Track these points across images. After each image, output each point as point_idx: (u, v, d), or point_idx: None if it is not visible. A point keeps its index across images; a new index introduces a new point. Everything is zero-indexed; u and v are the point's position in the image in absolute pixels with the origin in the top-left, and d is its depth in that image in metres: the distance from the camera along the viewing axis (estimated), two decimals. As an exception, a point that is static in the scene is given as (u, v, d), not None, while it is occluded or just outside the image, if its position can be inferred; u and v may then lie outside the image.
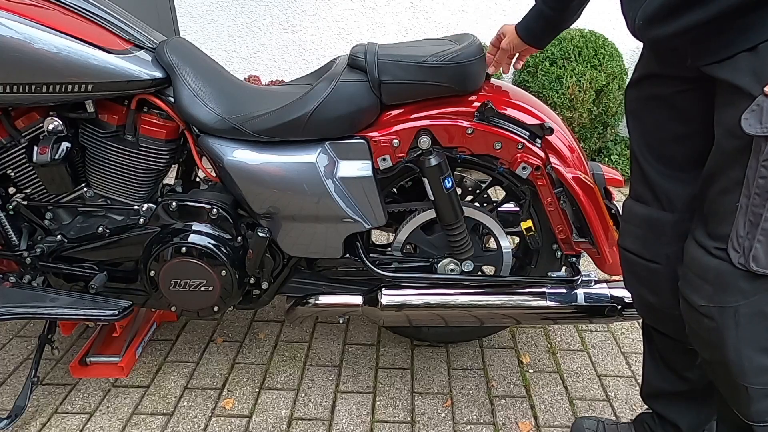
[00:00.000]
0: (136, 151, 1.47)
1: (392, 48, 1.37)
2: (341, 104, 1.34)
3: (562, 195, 1.41)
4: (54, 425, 1.56)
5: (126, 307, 1.50)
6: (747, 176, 0.87)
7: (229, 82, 1.49)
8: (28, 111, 1.42)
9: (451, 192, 1.41)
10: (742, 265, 0.91)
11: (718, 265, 0.95)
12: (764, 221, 0.88)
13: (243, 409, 1.62)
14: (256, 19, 3.39)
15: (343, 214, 1.42)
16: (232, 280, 1.50)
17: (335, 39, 3.42)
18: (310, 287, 1.62)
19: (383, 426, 1.56)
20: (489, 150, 1.38)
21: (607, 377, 1.72)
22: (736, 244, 0.91)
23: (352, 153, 1.40)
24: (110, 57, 1.33)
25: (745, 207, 0.89)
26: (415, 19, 3.36)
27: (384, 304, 1.50)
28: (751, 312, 0.95)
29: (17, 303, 1.46)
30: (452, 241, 1.49)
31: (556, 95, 2.97)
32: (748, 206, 0.88)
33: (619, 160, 3.16)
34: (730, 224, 0.91)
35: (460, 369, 1.76)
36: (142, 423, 1.57)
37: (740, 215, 0.90)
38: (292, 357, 1.83)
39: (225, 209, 1.48)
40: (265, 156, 1.40)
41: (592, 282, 1.51)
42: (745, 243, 0.90)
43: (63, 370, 1.77)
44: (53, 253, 1.53)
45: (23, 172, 1.48)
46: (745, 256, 0.91)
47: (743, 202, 0.89)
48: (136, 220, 1.52)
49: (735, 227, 0.91)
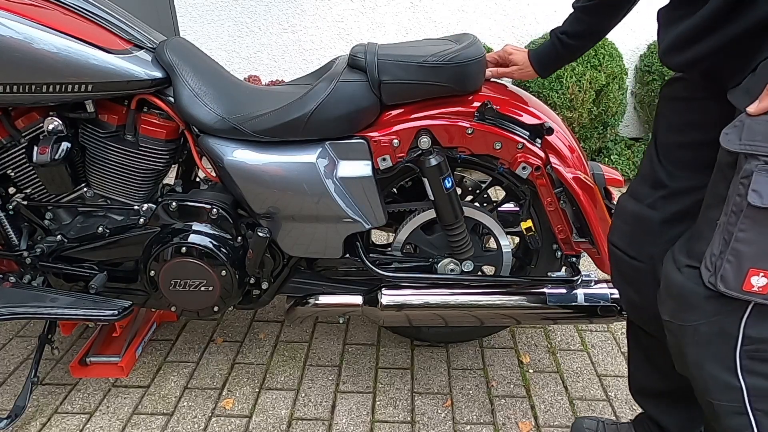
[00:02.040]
0: (136, 151, 1.47)
1: (392, 48, 1.37)
2: (341, 104, 1.34)
3: (562, 195, 1.41)
4: (54, 425, 1.56)
5: (126, 307, 1.50)
6: (729, 193, 0.86)
7: (229, 82, 1.49)
8: (28, 111, 1.42)
9: (451, 192, 1.41)
10: (711, 284, 0.89)
11: (682, 283, 0.95)
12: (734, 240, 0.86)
13: (243, 409, 1.62)
14: (256, 19, 3.39)
15: (343, 214, 1.42)
16: (232, 280, 1.50)
17: (335, 39, 3.42)
18: (310, 287, 1.62)
19: (383, 426, 1.56)
20: (489, 150, 1.38)
21: (607, 377, 1.72)
22: (709, 262, 0.90)
23: (352, 153, 1.40)
24: (110, 57, 1.33)
25: (723, 225, 0.87)
26: (415, 19, 3.36)
27: (384, 304, 1.50)
28: (712, 331, 0.93)
29: (17, 303, 1.46)
30: (452, 241, 1.49)
31: (556, 95, 2.98)
32: (725, 224, 0.87)
33: (619, 160, 3.16)
34: (708, 241, 0.90)
35: (460, 369, 1.76)
36: (142, 423, 1.57)
37: (717, 233, 0.88)
38: (292, 357, 1.83)
39: (225, 209, 1.48)
40: (265, 156, 1.40)
41: (592, 282, 1.51)
42: (717, 262, 0.89)
43: (63, 370, 1.77)
44: (53, 253, 1.53)
45: (23, 172, 1.48)
46: (715, 275, 0.89)
47: (722, 219, 0.87)
48: (136, 220, 1.52)
49: (711, 245, 0.89)
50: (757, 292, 0.85)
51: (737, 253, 0.85)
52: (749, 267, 0.84)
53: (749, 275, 0.85)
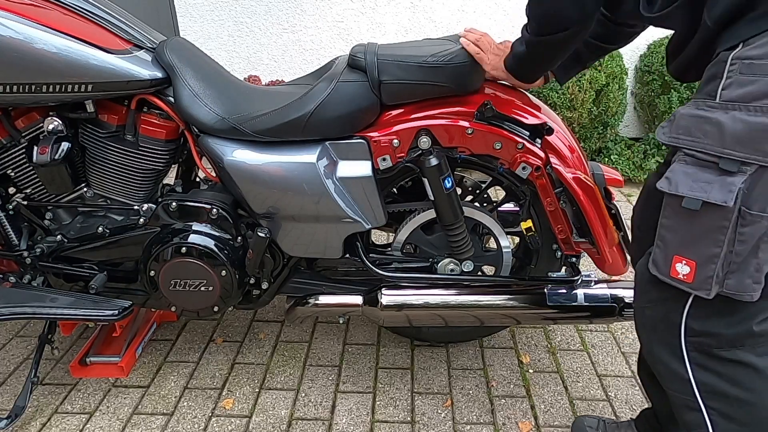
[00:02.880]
0: (136, 151, 1.47)
1: (392, 48, 1.37)
2: (341, 104, 1.34)
3: (562, 195, 1.41)
4: (54, 425, 1.56)
5: (126, 307, 1.50)
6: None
7: (229, 82, 1.49)
8: (28, 111, 1.42)
9: (451, 192, 1.41)
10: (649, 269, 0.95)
11: (639, 267, 1.01)
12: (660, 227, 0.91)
13: (243, 409, 1.62)
14: (256, 19, 3.39)
15: (343, 214, 1.42)
16: (232, 280, 1.49)
17: (335, 39, 3.42)
18: (310, 287, 1.61)
19: (383, 426, 1.56)
20: (489, 150, 1.38)
21: (607, 377, 1.72)
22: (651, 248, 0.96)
23: (352, 153, 1.40)
24: (110, 57, 1.33)
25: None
26: (415, 19, 3.36)
27: (384, 304, 1.50)
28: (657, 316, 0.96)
29: (17, 303, 1.46)
30: (452, 241, 1.49)
31: (556, 95, 2.97)
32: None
33: (619, 160, 3.16)
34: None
35: (460, 369, 1.76)
36: (142, 423, 1.57)
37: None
38: (292, 357, 1.83)
39: (225, 209, 1.48)
40: (265, 156, 1.40)
41: (592, 282, 1.51)
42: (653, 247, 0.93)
43: (63, 370, 1.77)
44: (53, 253, 1.54)
45: (23, 172, 1.48)
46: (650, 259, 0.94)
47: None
48: (136, 220, 1.52)
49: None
50: (682, 279, 0.88)
51: (664, 239, 0.91)
52: (673, 254, 0.89)
53: (674, 261, 0.89)
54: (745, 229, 0.82)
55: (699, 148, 0.84)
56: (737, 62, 0.81)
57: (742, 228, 0.82)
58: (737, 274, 0.84)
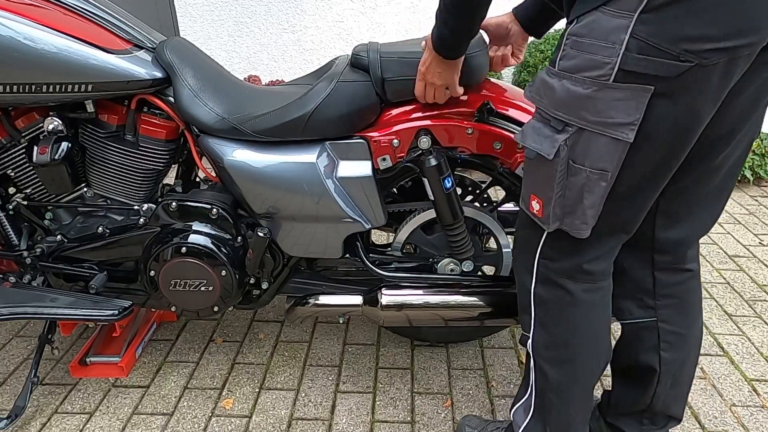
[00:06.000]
0: (136, 151, 1.47)
1: (394, 45, 1.37)
2: (341, 104, 1.34)
3: (562, 195, 1.41)
4: (54, 425, 1.56)
5: (126, 307, 1.50)
6: None
7: (229, 82, 1.49)
8: (28, 111, 1.42)
9: (451, 192, 1.41)
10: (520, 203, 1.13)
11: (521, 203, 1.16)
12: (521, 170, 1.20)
13: (243, 409, 1.62)
14: (256, 19, 3.39)
15: (343, 214, 1.42)
16: (232, 280, 1.50)
17: (335, 39, 3.42)
18: (310, 287, 1.61)
19: (383, 426, 1.56)
20: (489, 150, 1.38)
21: (606, 377, 1.72)
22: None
23: (352, 153, 1.40)
24: (110, 57, 1.33)
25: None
26: (415, 19, 3.36)
27: (384, 304, 1.50)
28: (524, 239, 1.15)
29: (17, 303, 1.46)
30: (452, 241, 1.49)
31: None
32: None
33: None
34: None
35: (460, 369, 1.76)
36: (142, 423, 1.57)
37: None
38: (292, 357, 1.83)
39: (225, 209, 1.48)
40: (265, 156, 1.40)
41: (592, 282, 1.50)
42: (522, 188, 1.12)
43: (63, 370, 1.77)
44: (53, 253, 1.54)
45: (23, 172, 1.48)
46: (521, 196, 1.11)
47: None
48: (136, 220, 1.52)
49: None
50: (536, 214, 1.05)
51: (524, 181, 1.08)
52: (530, 193, 1.06)
53: (531, 199, 1.05)
54: (572, 179, 0.97)
55: (542, 107, 0.99)
56: (570, 37, 0.93)
57: (570, 177, 0.97)
58: (570, 215, 1.01)
